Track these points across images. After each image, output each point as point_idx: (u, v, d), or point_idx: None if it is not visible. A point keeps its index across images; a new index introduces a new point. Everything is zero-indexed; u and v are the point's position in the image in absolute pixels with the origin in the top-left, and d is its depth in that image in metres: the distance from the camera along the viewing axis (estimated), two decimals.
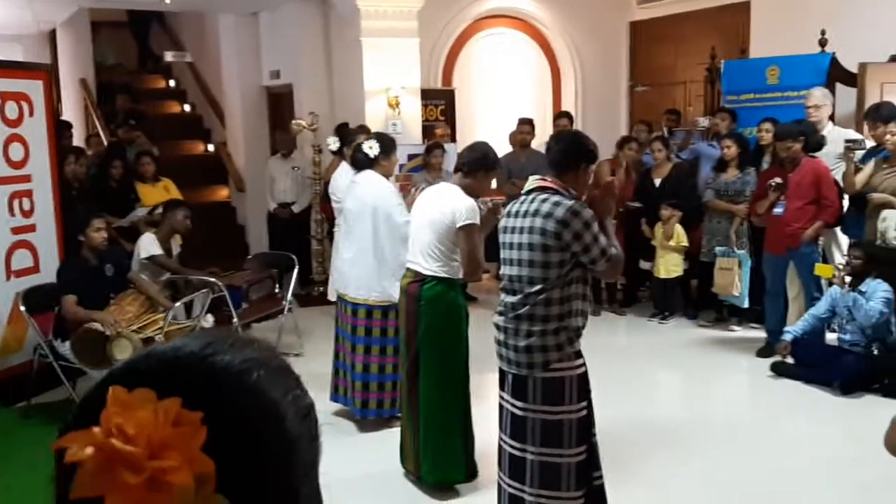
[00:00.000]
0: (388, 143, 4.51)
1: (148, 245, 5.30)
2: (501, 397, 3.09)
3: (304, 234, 8.02)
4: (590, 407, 2.99)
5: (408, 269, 3.78)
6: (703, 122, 6.96)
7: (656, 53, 9.24)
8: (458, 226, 3.56)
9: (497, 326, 3.04)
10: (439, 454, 3.71)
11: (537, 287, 2.89)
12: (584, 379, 2.97)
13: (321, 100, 8.05)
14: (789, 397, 5.02)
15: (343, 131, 5.32)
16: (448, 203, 3.61)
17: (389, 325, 4.36)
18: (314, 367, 4.81)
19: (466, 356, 3.71)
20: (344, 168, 5.24)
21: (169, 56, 10.35)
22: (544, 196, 2.92)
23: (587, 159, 3.04)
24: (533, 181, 3.01)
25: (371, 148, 4.43)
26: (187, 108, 10.68)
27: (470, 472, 3.76)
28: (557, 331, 2.89)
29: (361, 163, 4.51)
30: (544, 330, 2.89)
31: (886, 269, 5.06)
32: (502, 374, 3.07)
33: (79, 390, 4.82)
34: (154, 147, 8.02)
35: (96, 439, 0.56)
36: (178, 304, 4.76)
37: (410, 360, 3.73)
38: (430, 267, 3.65)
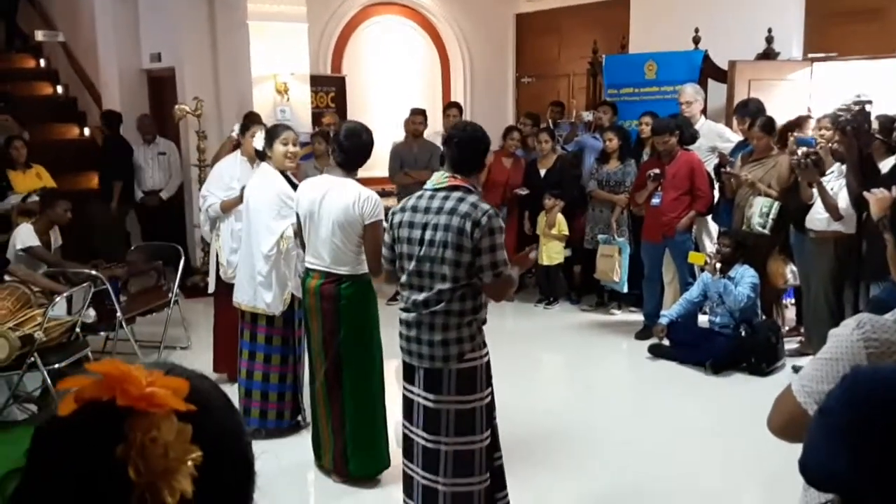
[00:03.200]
0: (269, 133, 4.27)
1: (25, 236, 5.02)
2: (410, 391, 3.08)
3: (179, 222, 7.85)
4: (492, 391, 3.09)
5: (314, 269, 3.65)
6: (587, 115, 7.23)
7: (541, 46, 9.50)
8: (366, 223, 3.49)
9: (407, 323, 3.01)
10: (369, 448, 3.69)
11: (449, 285, 2.88)
12: (489, 365, 3.06)
13: (206, 85, 7.80)
14: (665, 376, 5.34)
15: (245, 120, 5.20)
16: (352, 200, 3.49)
17: (275, 333, 4.20)
18: (202, 362, 4.72)
19: (381, 346, 3.71)
20: (231, 159, 5.04)
21: (40, 35, 9.72)
22: (460, 195, 2.90)
23: (487, 154, 3.10)
24: (442, 178, 2.96)
25: (260, 140, 4.30)
26: (60, 89, 10.08)
27: (389, 457, 3.79)
28: (471, 322, 2.95)
29: (261, 156, 4.39)
30: (460, 323, 2.92)
31: (752, 254, 5.45)
32: (410, 368, 3.06)
33: None
34: (24, 131, 7.56)
35: (101, 368, 0.72)
36: (61, 297, 4.53)
37: (331, 361, 3.64)
38: (343, 269, 3.57)
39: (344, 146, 3.60)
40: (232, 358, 4.50)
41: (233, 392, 4.57)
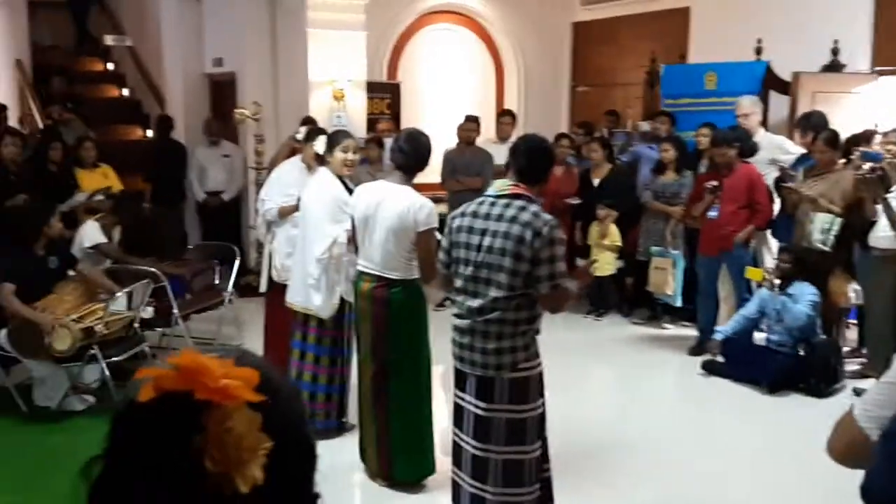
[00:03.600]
0: (330, 139, 4.34)
1: (92, 234, 5.19)
2: (461, 398, 3.07)
3: (236, 222, 8.01)
4: (544, 402, 3.07)
5: (366, 273, 3.67)
6: (644, 126, 7.13)
7: (598, 55, 9.42)
8: (419, 230, 3.50)
9: (460, 330, 3.00)
10: (414, 453, 3.70)
11: (505, 293, 2.87)
12: (542, 376, 3.04)
13: (265, 90, 7.95)
14: (719, 395, 5.21)
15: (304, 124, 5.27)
16: (406, 207, 3.51)
17: (325, 334, 4.23)
18: None
19: (430, 353, 3.73)
20: (290, 164, 5.06)
21: (109, 40, 10.05)
22: (522, 204, 2.90)
23: (552, 168, 3.11)
24: (505, 186, 2.97)
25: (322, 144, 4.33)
26: (126, 92, 10.40)
27: (435, 462, 3.79)
28: (525, 332, 2.94)
29: (322, 160, 4.37)
30: (514, 332, 2.91)
31: (813, 270, 5.30)
32: (462, 375, 3.05)
33: (13, 378, 4.71)
34: (90, 132, 7.82)
35: (179, 360, 0.74)
36: (120, 293, 4.67)
37: (378, 364, 3.66)
38: (395, 274, 3.59)
39: (404, 149, 3.64)
40: (282, 357, 4.55)
41: None
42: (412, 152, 3.64)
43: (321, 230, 4.13)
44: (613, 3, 8.90)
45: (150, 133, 9.69)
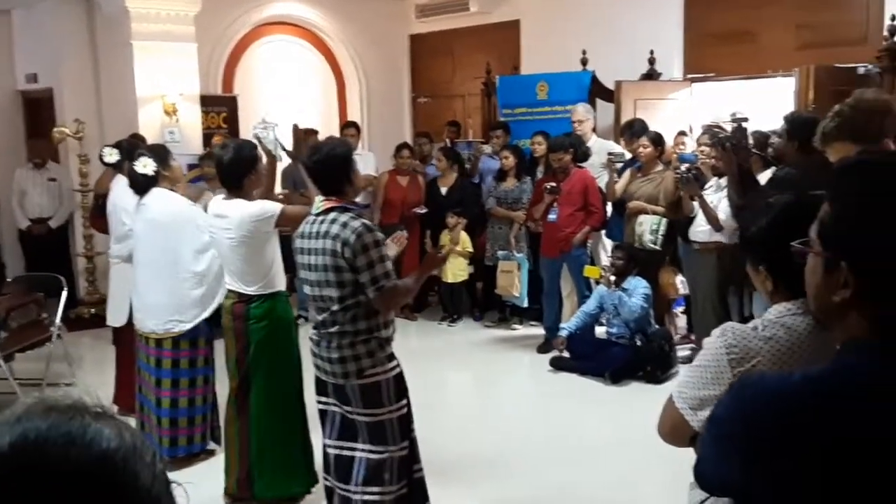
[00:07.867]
0: (161, 153, 4.20)
1: None
2: (324, 403, 3.16)
3: (64, 251, 7.44)
4: (409, 404, 3.14)
5: (229, 290, 3.66)
6: (487, 149, 7.29)
7: (436, 66, 9.59)
8: (274, 218, 3.48)
9: (314, 341, 3.11)
10: (278, 468, 3.64)
11: (338, 306, 2.96)
12: (399, 379, 3.10)
13: (87, 106, 7.47)
14: (567, 389, 5.44)
15: (123, 144, 4.91)
16: (238, 220, 3.50)
17: (199, 353, 4.11)
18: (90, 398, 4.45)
19: (299, 368, 3.68)
20: (122, 187, 4.76)
21: None
22: (333, 216, 2.99)
23: (350, 164, 3.09)
24: (319, 203, 3.05)
25: (146, 166, 4.05)
26: None
27: (310, 483, 3.74)
28: (368, 340, 3.00)
29: (143, 185, 4.11)
30: (353, 342, 2.98)
31: (645, 266, 5.66)
32: (322, 382, 3.14)
33: None
34: None
35: None
36: None
37: (240, 379, 3.63)
38: (251, 289, 3.57)
39: (220, 163, 3.62)
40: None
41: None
42: (227, 165, 3.58)
43: (200, 242, 4.01)
44: (447, 16, 9.08)
45: None
